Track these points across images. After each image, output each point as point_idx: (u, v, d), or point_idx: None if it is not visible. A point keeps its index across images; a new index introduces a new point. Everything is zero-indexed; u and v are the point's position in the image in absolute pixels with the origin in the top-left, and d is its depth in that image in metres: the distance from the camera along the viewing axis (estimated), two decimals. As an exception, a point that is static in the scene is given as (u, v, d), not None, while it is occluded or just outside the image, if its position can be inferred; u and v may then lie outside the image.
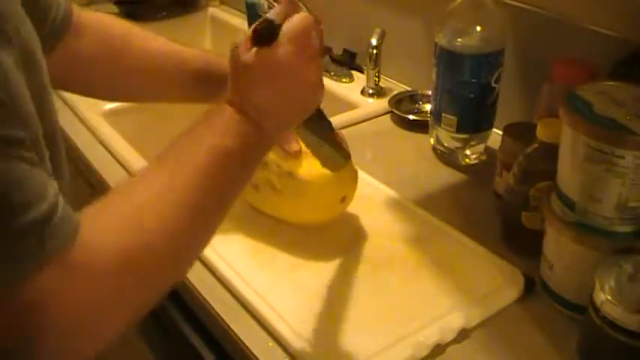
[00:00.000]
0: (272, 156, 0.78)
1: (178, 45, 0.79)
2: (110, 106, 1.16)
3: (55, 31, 0.70)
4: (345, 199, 0.81)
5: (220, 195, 0.56)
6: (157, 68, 0.77)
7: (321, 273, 0.77)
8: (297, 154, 0.78)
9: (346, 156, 0.76)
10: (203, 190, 0.54)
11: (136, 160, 0.99)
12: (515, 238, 0.81)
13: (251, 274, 0.76)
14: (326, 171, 0.76)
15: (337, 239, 0.82)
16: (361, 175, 0.91)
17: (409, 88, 1.21)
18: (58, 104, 0.97)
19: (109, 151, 1.05)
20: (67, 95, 1.12)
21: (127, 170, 0.99)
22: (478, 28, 0.92)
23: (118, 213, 0.50)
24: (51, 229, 0.44)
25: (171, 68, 0.77)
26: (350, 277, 0.76)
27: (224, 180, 0.56)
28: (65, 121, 1.12)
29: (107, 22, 0.78)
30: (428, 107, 1.12)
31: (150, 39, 0.78)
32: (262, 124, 0.58)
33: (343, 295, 0.74)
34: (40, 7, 0.66)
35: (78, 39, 0.73)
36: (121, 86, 0.80)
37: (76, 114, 1.14)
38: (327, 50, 1.33)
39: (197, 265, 0.79)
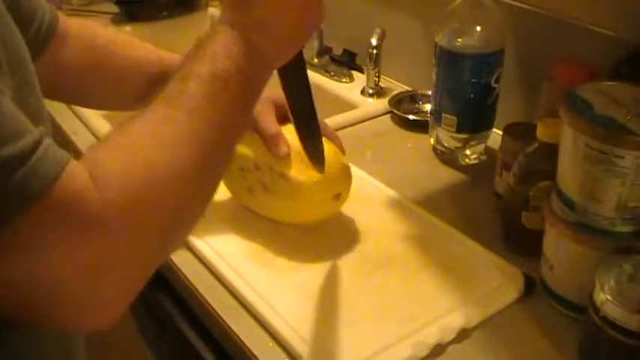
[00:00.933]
0: (263, 159, 0.78)
1: (165, 52, 0.78)
2: (103, 113, 1.16)
3: (39, 39, 0.69)
4: (339, 197, 0.80)
5: (222, 121, 0.52)
6: (144, 76, 0.76)
7: (320, 273, 0.77)
8: (287, 156, 0.77)
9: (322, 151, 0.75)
10: (202, 118, 0.50)
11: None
12: (515, 238, 0.81)
13: (251, 274, 0.76)
14: (314, 171, 0.76)
15: (337, 239, 0.82)
16: (361, 175, 0.91)
17: (409, 88, 1.21)
18: (58, 104, 0.98)
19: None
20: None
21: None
22: (478, 28, 0.92)
23: (117, 148, 0.47)
24: (32, 166, 0.41)
25: (156, 76, 0.75)
26: (350, 277, 0.76)
27: (225, 106, 0.52)
28: (65, 121, 1.12)
29: (92, 30, 0.77)
30: (428, 107, 1.12)
31: (135, 47, 0.77)
32: (260, 41, 0.54)
33: (343, 295, 0.74)
34: (23, 14, 0.65)
35: (63, 47, 0.72)
36: (106, 93, 0.79)
37: (75, 114, 1.14)
38: (327, 50, 1.33)
39: (197, 265, 0.79)
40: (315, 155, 0.74)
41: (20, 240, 0.41)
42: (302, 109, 0.68)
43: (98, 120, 1.12)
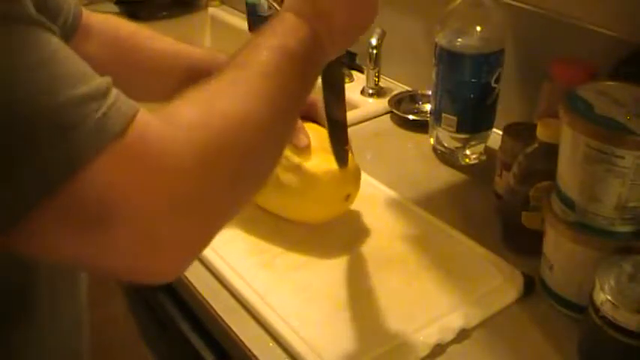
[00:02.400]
0: None
1: (185, 45, 0.79)
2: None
3: (65, 33, 0.69)
4: (349, 197, 0.81)
5: (286, 91, 0.54)
6: (167, 68, 0.77)
7: (321, 273, 0.77)
8: (307, 148, 0.78)
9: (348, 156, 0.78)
10: (271, 81, 0.52)
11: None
12: (515, 238, 0.81)
13: (251, 274, 0.76)
14: (332, 167, 0.77)
15: (337, 239, 0.82)
16: (361, 174, 0.91)
17: (409, 88, 1.21)
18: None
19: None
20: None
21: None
22: (478, 28, 0.92)
23: (193, 99, 0.49)
24: (109, 105, 0.41)
25: (180, 68, 0.77)
26: (350, 277, 0.76)
27: (288, 77, 0.54)
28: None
29: (114, 23, 0.78)
30: (428, 107, 1.12)
31: (157, 39, 0.78)
32: (321, 31, 0.57)
33: (343, 295, 0.74)
34: (51, 8, 0.66)
35: (86, 41, 0.73)
36: (130, 87, 0.80)
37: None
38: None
39: (197, 266, 0.79)
40: (340, 152, 0.76)
41: (101, 180, 0.40)
42: (336, 107, 0.72)
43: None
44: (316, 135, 0.80)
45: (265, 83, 0.52)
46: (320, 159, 0.78)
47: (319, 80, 0.66)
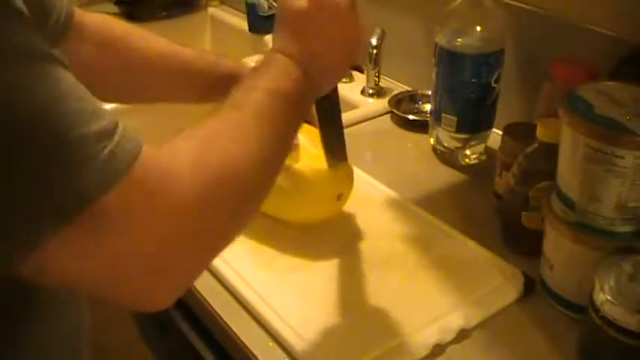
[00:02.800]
0: None
1: (179, 46, 0.79)
2: (111, 107, 1.16)
3: (57, 31, 0.70)
4: (341, 197, 0.81)
5: (278, 131, 0.56)
6: (160, 69, 0.78)
7: (320, 273, 0.77)
8: (295, 147, 0.78)
9: (344, 155, 0.78)
10: (264, 123, 0.54)
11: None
12: (515, 238, 0.81)
13: (251, 274, 0.76)
14: (322, 167, 0.77)
15: (337, 239, 0.82)
16: (361, 174, 0.91)
17: (409, 88, 1.21)
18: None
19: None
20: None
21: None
22: (478, 28, 0.92)
23: (193, 137, 0.50)
24: (115, 143, 0.42)
25: (174, 69, 0.78)
26: (349, 277, 0.76)
27: (282, 120, 0.56)
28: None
29: (108, 23, 0.78)
30: (428, 107, 1.12)
31: (151, 40, 0.78)
32: (312, 71, 0.59)
33: (343, 295, 0.74)
34: (43, 8, 0.66)
35: (78, 41, 0.73)
36: (123, 87, 0.80)
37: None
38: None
39: (197, 265, 0.79)
40: (334, 147, 0.76)
41: (107, 217, 0.42)
42: (329, 108, 0.73)
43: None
44: (305, 135, 0.80)
45: (259, 124, 0.54)
46: (309, 159, 0.78)
47: None
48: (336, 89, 0.70)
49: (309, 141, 0.79)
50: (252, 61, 0.93)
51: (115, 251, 0.43)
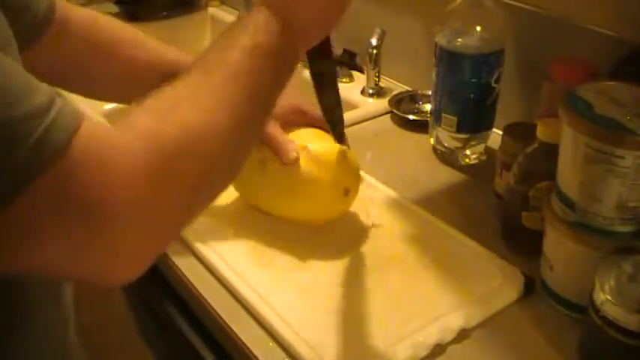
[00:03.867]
0: (272, 157, 0.78)
1: (172, 53, 0.77)
2: (110, 106, 1.16)
3: (36, 24, 0.68)
4: (349, 192, 0.81)
5: (257, 93, 0.53)
6: (146, 78, 0.75)
7: (320, 273, 0.77)
8: (296, 161, 0.78)
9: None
10: (239, 85, 0.52)
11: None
12: (515, 238, 0.81)
13: (251, 274, 0.76)
14: (327, 163, 0.77)
15: (337, 239, 0.82)
16: (361, 174, 0.91)
17: (409, 88, 1.21)
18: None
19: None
20: (67, 94, 1.12)
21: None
22: (478, 28, 0.92)
23: (151, 108, 0.48)
24: (53, 120, 0.41)
25: (156, 76, 0.74)
26: (350, 277, 0.76)
27: (259, 77, 0.53)
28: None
29: (96, 25, 0.76)
30: (428, 107, 1.12)
31: (139, 46, 0.76)
32: (294, 20, 0.56)
33: (343, 295, 0.74)
34: (17, 3, 0.64)
35: (62, 36, 0.71)
36: (107, 89, 0.78)
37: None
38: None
39: (197, 266, 0.79)
40: (337, 133, 0.75)
41: (47, 197, 0.40)
42: (332, 108, 0.72)
43: (99, 119, 1.12)
44: (309, 135, 0.80)
45: (232, 87, 0.51)
46: (313, 156, 0.78)
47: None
48: (329, 47, 0.67)
49: (310, 140, 0.79)
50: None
51: (65, 230, 0.41)
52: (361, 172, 0.84)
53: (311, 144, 0.79)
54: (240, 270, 0.76)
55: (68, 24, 0.72)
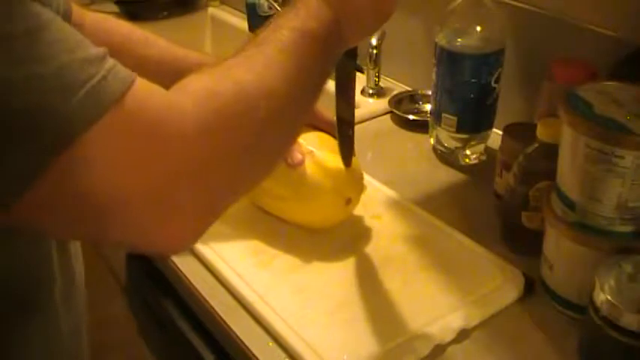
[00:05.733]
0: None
1: (182, 50, 0.78)
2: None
3: None
4: (350, 202, 0.81)
5: (306, 73, 0.54)
6: (158, 75, 0.76)
7: (320, 273, 0.77)
8: (301, 163, 0.78)
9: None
10: (290, 59, 0.53)
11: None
12: (515, 238, 0.81)
13: (251, 274, 0.76)
14: (331, 171, 0.77)
15: (337, 240, 0.82)
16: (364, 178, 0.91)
17: (409, 88, 1.21)
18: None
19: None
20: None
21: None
22: (478, 28, 0.92)
23: (206, 72, 0.49)
24: (107, 71, 0.41)
25: (173, 75, 0.76)
26: (349, 278, 0.76)
27: (307, 59, 0.54)
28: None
29: (108, 26, 0.77)
30: (428, 107, 1.12)
31: (151, 46, 0.77)
32: (342, 18, 0.57)
33: (343, 295, 0.74)
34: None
35: None
36: None
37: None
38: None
39: (197, 266, 0.79)
40: (346, 151, 0.77)
41: (101, 147, 0.41)
42: (346, 108, 0.73)
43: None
44: (316, 140, 0.80)
45: (283, 58, 0.52)
46: (318, 163, 0.78)
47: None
48: (355, 54, 0.68)
49: (317, 146, 0.79)
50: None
51: (114, 184, 0.41)
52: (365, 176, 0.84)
53: (317, 149, 0.79)
54: (240, 270, 0.76)
55: (81, 29, 0.72)
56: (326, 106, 0.75)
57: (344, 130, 0.75)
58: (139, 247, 0.51)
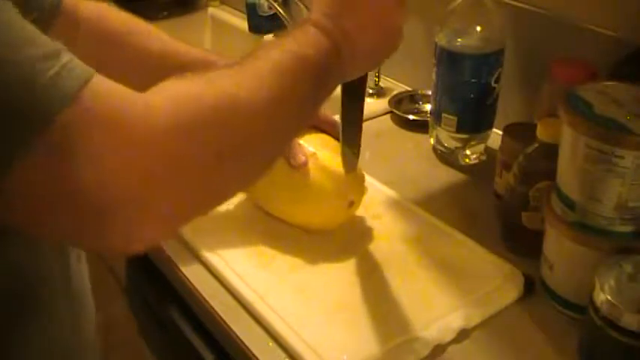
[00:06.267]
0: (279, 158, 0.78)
1: (180, 45, 0.77)
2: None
3: (40, 19, 0.67)
4: (352, 204, 0.81)
5: (295, 97, 0.53)
6: (153, 68, 0.75)
7: (320, 273, 0.77)
8: (304, 165, 0.78)
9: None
10: (280, 80, 0.51)
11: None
12: (515, 238, 0.81)
13: (251, 274, 0.76)
14: (335, 174, 0.77)
15: (337, 240, 0.82)
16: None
17: (409, 88, 1.21)
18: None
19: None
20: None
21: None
22: (478, 28, 0.92)
23: (189, 76, 0.47)
24: (61, 68, 0.40)
25: (168, 68, 0.75)
26: (349, 278, 0.76)
27: (298, 84, 0.53)
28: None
29: (106, 16, 0.75)
30: (428, 107, 1.12)
31: (152, 38, 0.76)
32: (343, 50, 0.56)
33: (343, 295, 0.74)
34: None
35: (70, 29, 0.71)
36: (116, 80, 0.79)
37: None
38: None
39: (197, 266, 0.79)
40: (350, 156, 0.75)
41: (55, 146, 0.40)
42: (353, 110, 0.71)
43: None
44: (319, 141, 0.80)
45: (273, 78, 0.51)
46: (322, 166, 0.78)
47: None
48: (364, 82, 0.67)
49: (319, 148, 0.79)
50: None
51: (76, 180, 0.40)
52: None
53: (320, 151, 0.79)
54: (240, 270, 0.76)
55: (76, 18, 0.72)
56: (326, 106, 0.75)
57: (349, 136, 0.73)
58: (100, 249, 0.49)
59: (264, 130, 0.51)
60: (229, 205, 0.87)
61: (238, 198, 0.87)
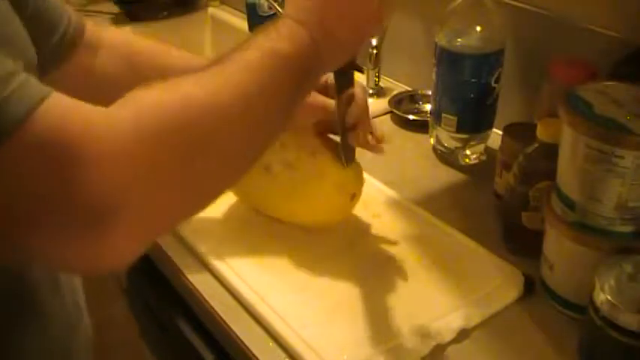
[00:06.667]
0: (278, 160, 0.78)
1: (201, 60, 0.76)
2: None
3: (63, 46, 0.68)
4: (354, 197, 0.81)
5: (272, 91, 0.53)
6: None
7: (320, 273, 0.77)
8: (312, 154, 0.78)
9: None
10: (250, 77, 0.51)
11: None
12: (515, 238, 0.81)
13: (251, 274, 0.76)
14: (337, 168, 0.78)
15: (337, 240, 0.82)
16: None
17: (409, 88, 1.21)
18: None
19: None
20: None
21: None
22: (478, 28, 0.92)
23: (153, 85, 0.47)
24: (10, 92, 0.39)
25: None
26: (349, 278, 0.76)
27: (276, 78, 0.53)
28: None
29: (127, 40, 0.76)
30: (428, 107, 1.12)
31: (172, 56, 0.75)
32: (320, 41, 0.56)
33: (343, 295, 0.74)
34: (46, 20, 0.65)
35: (93, 57, 0.72)
36: None
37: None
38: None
39: (197, 266, 0.79)
40: (348, 149, 0.77)
41: (19, 161, 0.39)
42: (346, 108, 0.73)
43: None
44: (318, 142, 0.80)
45: (244, 77, 0.50)
46: (323, 163, 0.78)
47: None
48: (352, 67, 0.68)
49: (318, 147, 0.79)
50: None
51: (39, 198, 0.40)
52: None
53: (319, 151, 0.79)
54: (240, 270, 0.76)
55: (99, 46, 0.72)
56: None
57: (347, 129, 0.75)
58: (77, 268, 0.48)
59: (233, 127, 0.50)
60: (229, 206, 0.87)
61: (237, 200, 0.87)
